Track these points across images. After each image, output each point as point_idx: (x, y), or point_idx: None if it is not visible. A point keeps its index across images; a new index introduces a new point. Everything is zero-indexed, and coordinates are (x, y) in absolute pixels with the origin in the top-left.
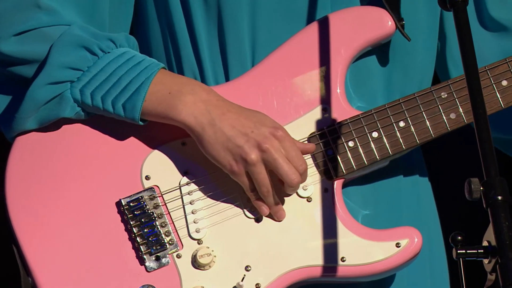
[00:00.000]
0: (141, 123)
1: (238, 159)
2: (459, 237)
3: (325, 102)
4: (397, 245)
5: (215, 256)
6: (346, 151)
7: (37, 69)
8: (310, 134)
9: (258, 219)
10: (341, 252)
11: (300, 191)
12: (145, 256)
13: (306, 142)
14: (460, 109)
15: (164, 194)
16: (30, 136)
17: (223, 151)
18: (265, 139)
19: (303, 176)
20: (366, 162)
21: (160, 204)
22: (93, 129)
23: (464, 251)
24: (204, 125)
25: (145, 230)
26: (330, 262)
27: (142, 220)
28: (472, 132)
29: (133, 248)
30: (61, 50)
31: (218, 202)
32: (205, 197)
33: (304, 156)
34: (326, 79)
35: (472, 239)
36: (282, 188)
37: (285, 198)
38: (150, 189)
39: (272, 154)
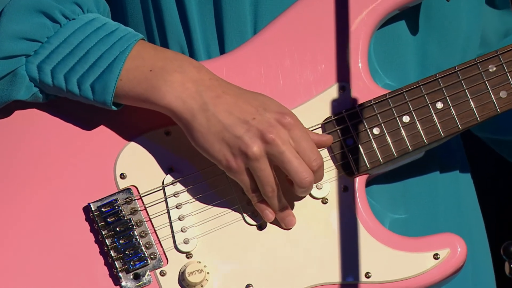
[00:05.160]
0: (114, 108)
1: (236, 152)
2: None
3: (343, 79)
4: (436, 256)
5: (208, 273)
6: (370, 140)
7: None
8: (325, 120)
9: (261, 226)
10: (366, 266)
11: (313, 190)
12: (120, 274)
13: (320, 129)
14: None
15: (143, 196)
16: None
17: (218, 143)
18: (270, 127)
19: (317, 174)
20: (395, 154)
21: (139, 208)
22: (54, 116)
23: None
24: (194, 110)
25: (121, 242)
26: (351, 279)
27: (117, 229)
28: None
29: (105, 264)
30: (14, 17)
31: (211, 206)
32: (195, 199)
33: (319, 149)
34: (344, 50)
35: None
36: (291, 188)
37: (295, 200)
38: (126, 190)
39: (279, 147)
